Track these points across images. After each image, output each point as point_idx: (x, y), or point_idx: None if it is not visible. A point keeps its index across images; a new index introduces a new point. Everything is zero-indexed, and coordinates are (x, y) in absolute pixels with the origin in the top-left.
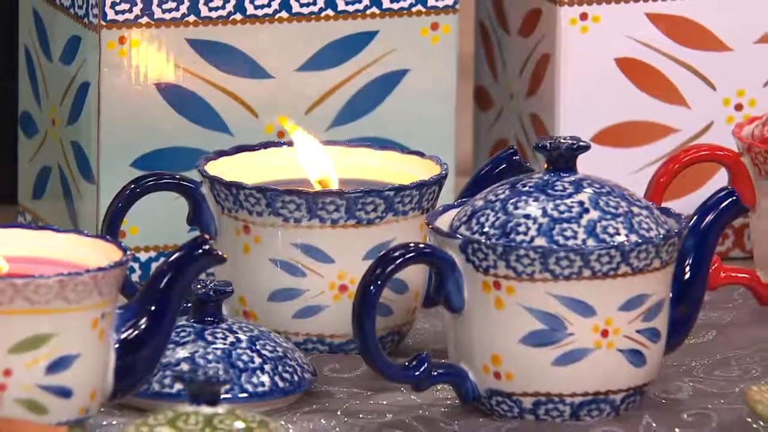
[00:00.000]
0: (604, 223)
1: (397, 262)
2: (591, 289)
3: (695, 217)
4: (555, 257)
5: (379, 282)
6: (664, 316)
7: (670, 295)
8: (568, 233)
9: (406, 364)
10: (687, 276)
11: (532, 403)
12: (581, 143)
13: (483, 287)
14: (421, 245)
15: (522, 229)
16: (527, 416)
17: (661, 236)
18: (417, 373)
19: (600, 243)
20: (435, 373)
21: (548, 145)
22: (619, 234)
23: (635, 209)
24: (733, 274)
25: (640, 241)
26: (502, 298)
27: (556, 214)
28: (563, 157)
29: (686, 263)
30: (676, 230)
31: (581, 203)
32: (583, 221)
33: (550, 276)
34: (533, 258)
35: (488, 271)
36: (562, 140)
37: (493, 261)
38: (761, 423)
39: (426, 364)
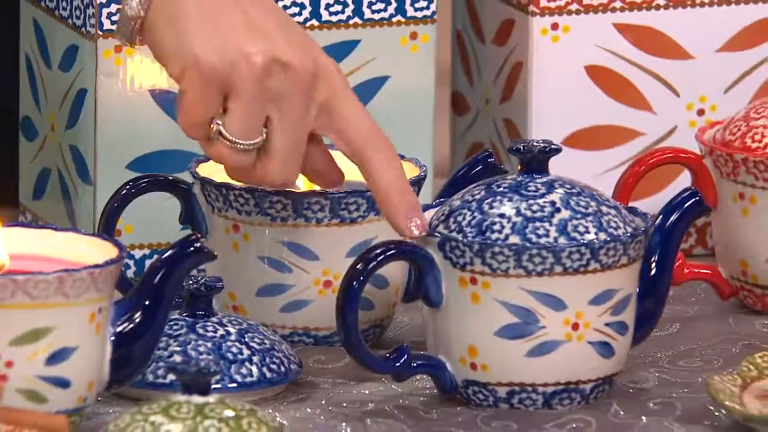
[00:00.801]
0: (574, 222)
1: (379, 259)
2: (562, 285)
3: (661, 216)
4: (528, 254)
5: (361, 278)
6: (631, 310)
7: (637, 290)
8: (541, 231)
9: (387, 355)
10: (653, 272)
11: (507, 393)
12: (553, 146)
13: (460, 283)
14: (402, 243)
15: (497, 227)
16: (502, 405)
17: (629, 234)
18: (397, 364)
19: (571, 241)
20: (414, 364)
21: (521, 148)
22: (588, 232)
23: (604, 209)
24: (696, 270)
25: (608, 238)
26: (478, 293)
27: (529, 213)
28: (536, 160)
29: (652, 260)
30: (643, 228)
31: (553, 203)
32: (555, 220)
33: (524, 272)
34: (507, 255)
35: (465, 267)
36: (534, 143)
37: (469, 258)
38: (723, 411)
39: (406, 356)
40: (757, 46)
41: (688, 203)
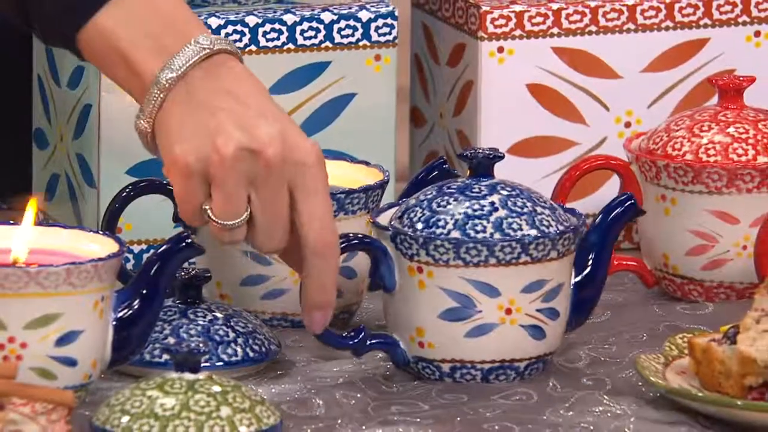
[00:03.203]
0: (510, 220)
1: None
2: (496, 275)
3: (600, 217)
4: (465, 247)
5: None
6: (563, 298)
7: (575, 280)
8: (479, 228)
9: (345, 334)
10: (591, 266)
11: (449, 368)
12: (497, 154)
13: (409, 271)
14: (360, 235)
15: (441, 223)
16: (446, 379)
17: (557, 232)
18: (355, 341)
19: (504, 236)
20: (370, 342)
21: (468, 154)
22: (522, 229)
23: (539, 209)
24: (624, 262)
25: (538, 235)
26: (423, 281)
27: (470, 211)
28: (482, 165)
29: (590, 255)
30: (573, 226)
31: (492, 203)
32: (492, 218)
33: (462, 263)
34: (448, 248)
35: (413, 258)
36: (480, 151)
37: (416, 249)
38: (648, 386)
39: (362, 334)
40: (676, 67)
41: (624, 206)
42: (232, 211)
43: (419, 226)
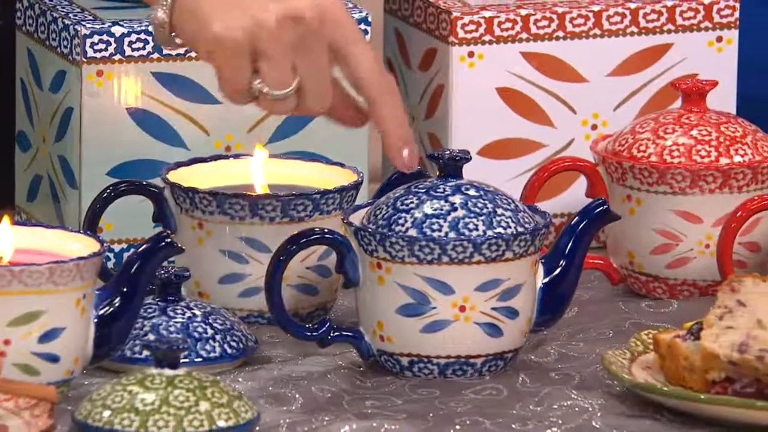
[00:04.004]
0: (466, 220)
1: (302, 241)
2: (450, 273)
3: (574, 220)
4: (419, 245)
5: (287, 254)
6: (523, 297)
7: (545, 281)
8: (435, 227)
9: (309, 326)
10: (561, 267)
11: (408, 362)
12: (464, 156)
13: (370, 266)
14: (324, 230)
15: (402, 221)
16: (406, 373)
17: (512, 233)
18: (318, 333)
19: (459, 235)
20: (334, 334)
21: (437, 155)
22: (477, 229)
23: (500, 210)
24: (591, 261)
25: (492, 235)
26: (383, 276)
27: (429, 211)
28: (449, 166)
29: (562, 257)
30: (530, 229)
31: (452, 204)
32: (450, 218)
33: (417, 260)
34: (402, 245)
35: (373, 253)
36: (447, 152)
37: (375, 246)
38: (614, 380)
39: (326, 326)
40: (641, 72)
41: (597, 211)
42: (284, 81)
43: (381, 223)
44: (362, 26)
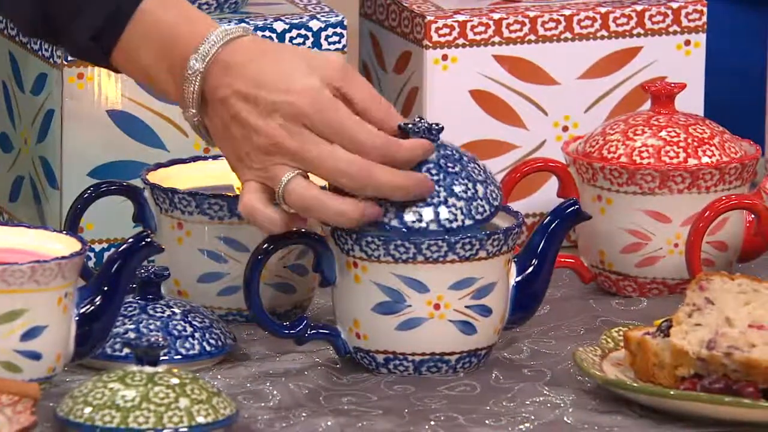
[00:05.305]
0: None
1: (279, 241)
2: (424, 271)
3: (546, 220)
4: (394, 244)
5: (264, 253)
6: (497, 295)
7: (518, 279)
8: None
9: (287, 324)
10: (534, 266)
11: (383, 359)
12: (438, 127)
13: (346, 265)
14: (303, 230)
15: (385, 219)
16: (382, 369)
17: (486, 234)
18: (296, 331)
19: (439, 228)
20: (311, 332)
21: (404, 125)
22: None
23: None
24: (562, 259)
25: (466, 234)
26: (359, 275)
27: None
28: (425, 138)
29: (534, 256)
30: (503, 229)
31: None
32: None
33: (392, 259)
34: (378, 244)
35: (349, 253)
36: (422, 122)
37: (351, 245)
38: (586, 377)
39: (303, 324)
40: (611, 74)
41: (569, 212)
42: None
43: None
44: (338, 29)
